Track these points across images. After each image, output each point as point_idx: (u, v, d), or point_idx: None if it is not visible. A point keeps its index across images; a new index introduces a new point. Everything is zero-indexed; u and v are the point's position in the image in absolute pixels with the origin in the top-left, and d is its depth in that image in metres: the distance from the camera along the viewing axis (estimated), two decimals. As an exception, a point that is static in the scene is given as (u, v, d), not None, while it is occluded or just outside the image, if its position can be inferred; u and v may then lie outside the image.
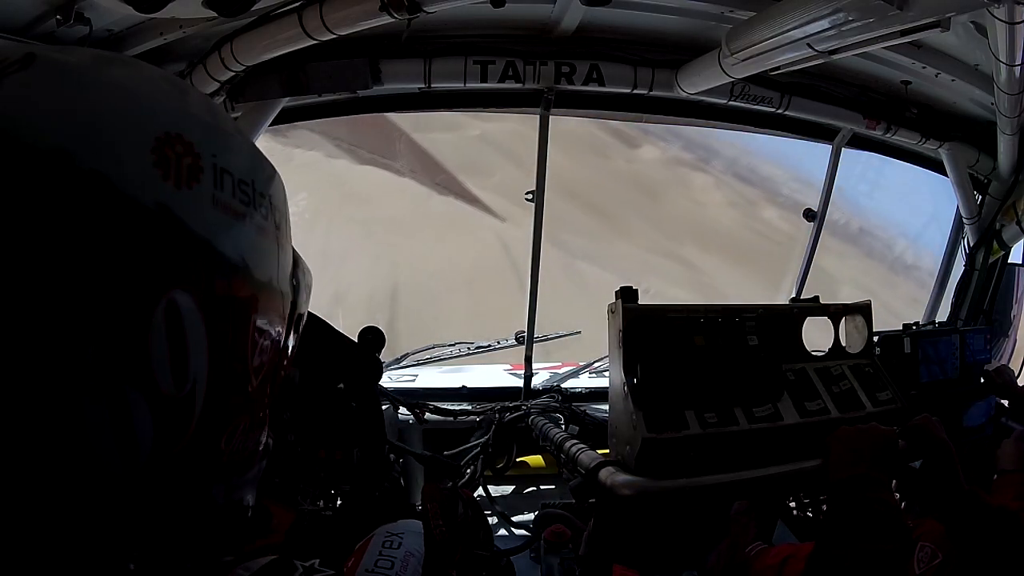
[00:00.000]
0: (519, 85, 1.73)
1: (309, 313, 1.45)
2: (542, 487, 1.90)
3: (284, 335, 0.45)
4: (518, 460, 1.90)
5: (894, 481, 1.02)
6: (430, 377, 2.31)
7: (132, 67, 0.38)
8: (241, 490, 0.46)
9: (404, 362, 2.37)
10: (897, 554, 0.86)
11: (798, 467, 1.05)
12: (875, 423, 1.03)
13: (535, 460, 1.91)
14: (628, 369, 1.08)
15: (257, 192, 0.40)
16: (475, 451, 1.83)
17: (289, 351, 0.48)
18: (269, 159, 0.43)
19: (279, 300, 0.43)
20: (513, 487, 1.91)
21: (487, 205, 7.15)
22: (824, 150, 2.21)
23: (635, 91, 1.79)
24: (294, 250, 0.48)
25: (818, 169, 2.24)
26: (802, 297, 1.40)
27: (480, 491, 1.82)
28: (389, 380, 2.13)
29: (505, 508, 1.74)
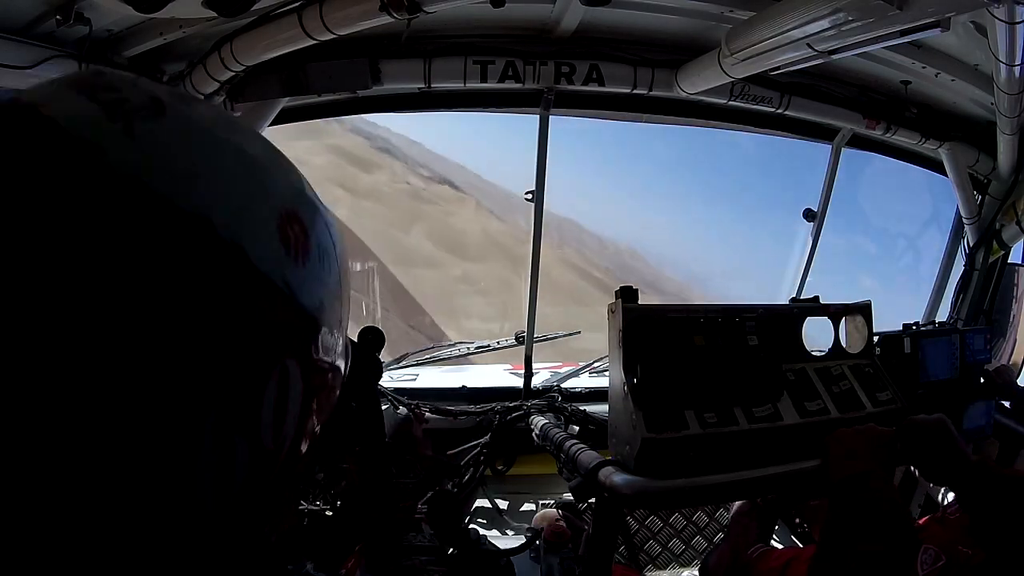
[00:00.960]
0: (519, 85, 1.73)
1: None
2: (542, 487, 1.90)
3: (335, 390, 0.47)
4: (518, 460, 1.90)
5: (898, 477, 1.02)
6: (430, 377, 2.31)
7: (251, 135, 0.39)
8: (283, 521, 0.46)
9: (404, 362, 2.37)
10: (901, 552, 0.85)
11: (798, 467, 1.05)
12: (872, 423, 1.03)
13: (535, 460, 1.91)
14: (628, 369, 1.08)
15: (338, 267, 0.41)
16: (475, 451, 1.83)
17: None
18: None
19: (337, 360, 0.44)
20: (513, 487, 1.91)
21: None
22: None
23: (635, 91, 1.79)
24: None
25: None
26: (802, 297, 1.40)
27: (480, 491, 1.82)
28: (389, 380, 2.13)
29: (505, 508, 1.75)
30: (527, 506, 1.76)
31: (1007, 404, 2.08)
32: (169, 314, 0.31)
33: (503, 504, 1.80)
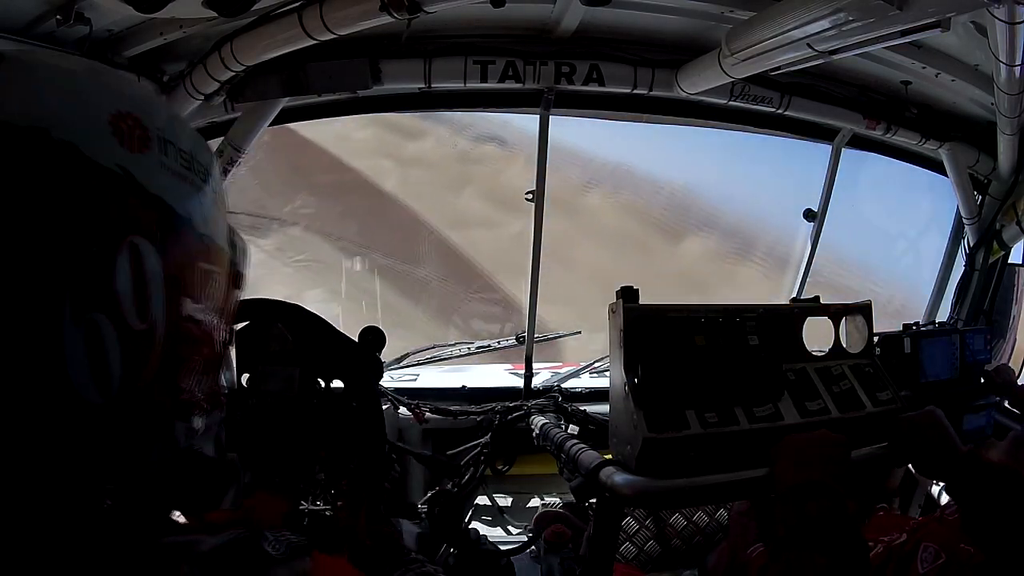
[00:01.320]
0: (519, 85, 1.73)
1: (309, 313, 1.45)
2: (542, 487, 1.90)
3: (227, 286, 0.53)
4: (518, 460, 1.90)
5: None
6: (430, 377, 2.31)
7: (82, 63, 0.47)
8: (200, 435, 0.51)
9: (404, 362, 2.37)
10: (849, 566, 0.82)
11: (751, 475, 1.03)
12: (825, 430, 1.00)
13: (535, 460, 1.91)
14: (628, 369, 1.08)
15: (196, 161, 0.48)
16: (475, 451, 1.83)
17: (233, 303, 0.56)
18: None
19: (220, 253, 0.51)
20: (513, 487, 1.91)
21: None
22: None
23: (635, 91, 1.79)
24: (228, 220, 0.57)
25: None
26: (802, 297, 1.40)
27: (480, 491, 1.82)
28: (389, 380, 2.13)
29: (505, 508, 1.75)
30: (527, 506, 1.76)
31: (1007, 403, 2.08)
32: (9, 207, 0.38)
33: (503, 504, 1.80)
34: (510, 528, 1.70)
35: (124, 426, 0.43)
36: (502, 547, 1.64)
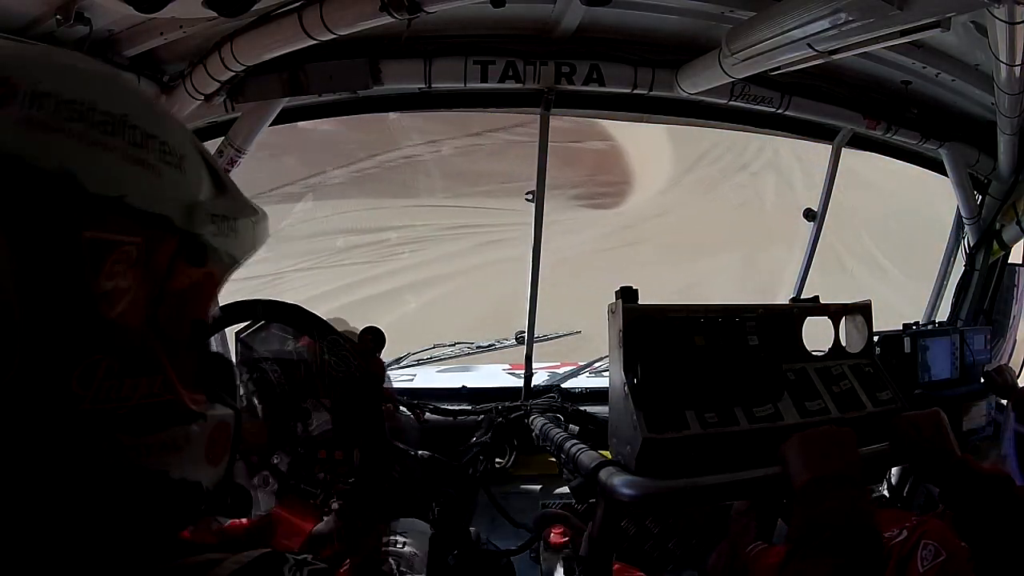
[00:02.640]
0: (519, 85, 1.73)
1: (309, 313, 1.45)
2: (542, 487, 1.90)
3: (166, 264, 0.43)
4: (518, 460, 1.90)
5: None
6: (430, 377, 2.31)
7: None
8: (144, 455, 0.43)
9: (404, 362, 2.37)
10: (867, 565, 0.81)
11: (764, 473, 1.03)
12: (831, 425, 1.00)
13: (535, 460, 1.91)
14: (628, 369, 1.08)
15: (99, 111, 0.40)
16: (475, 451, 1.83)
17: (193, 288, 0.46)
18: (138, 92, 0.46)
19: (140, 221, 0.41)
20: (513, 487, 1.91)
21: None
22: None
23: (635, 91, 1.79)
24: (230, 185, 0.49)
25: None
26: (802, 297, 1.40)
27: (480, 491, 1.82)
28: (389, 380, 2.12)
29: (505, 508, 1.74)
30: (527, 506, 1.76)
31: (1006, 403, 2.08)
32: None
33: (503, 504, 1.79)
34: (510, 528, 1.70)
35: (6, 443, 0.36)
36: (502, 547, 1.64)
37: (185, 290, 0.45)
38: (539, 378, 2.15)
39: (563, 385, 2.12)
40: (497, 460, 1.87)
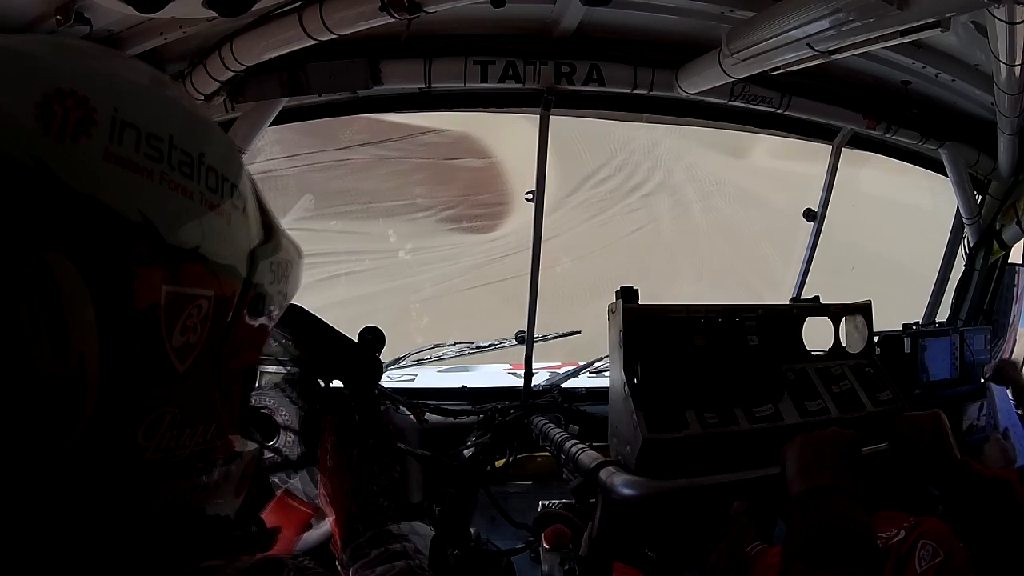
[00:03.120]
0: (519, 85, 1.73)
1: (308, 313, 1.44)
2: (542, 487, 1.90)
3: (231, 316, 0.41)
4: (518, 460, 1.90)
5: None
6: (430, 377, 2.31)
7: (25, 38, 0.37)
8: (188, 496, 0.42)
9: (404, 362, 2.37)
10: (864, 573, 0.80)
11: (766, 472, 1.02)
12: (835, 427, 0.98)
13: (535, 460, 1.91)
14: (628, 369, 1.08)
15: (178, 149, 0.37)
16: (475, 451, 1.83)
17: (250, 337, 0.44)
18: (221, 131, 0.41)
19: (213, 273, 0.39)
20: (513, 487, 1.91)
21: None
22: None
23: (635, 91, 1.79)
24: (278, 226, 0.46)
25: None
26: (802, 297, 1.40)
27: (480, 491, 1.82)
28: (389, 380, 2.13)
29: (505, 508, 1.74)
30: (527, 506, 1.76)
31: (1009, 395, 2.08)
32: None
33: (503, 504, 1.79)
34: (510, 528, 1.70)
35: (61, 491, 0.34)
36: (502, 547, 1.64)
37: (244, 340, 0.44)
38: (539, 378, 2.15)
39: (563, 385, 2.12)
40: (497, 460, 1.87)
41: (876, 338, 1.60)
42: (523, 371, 2.05)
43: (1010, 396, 2.05)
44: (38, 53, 0.35)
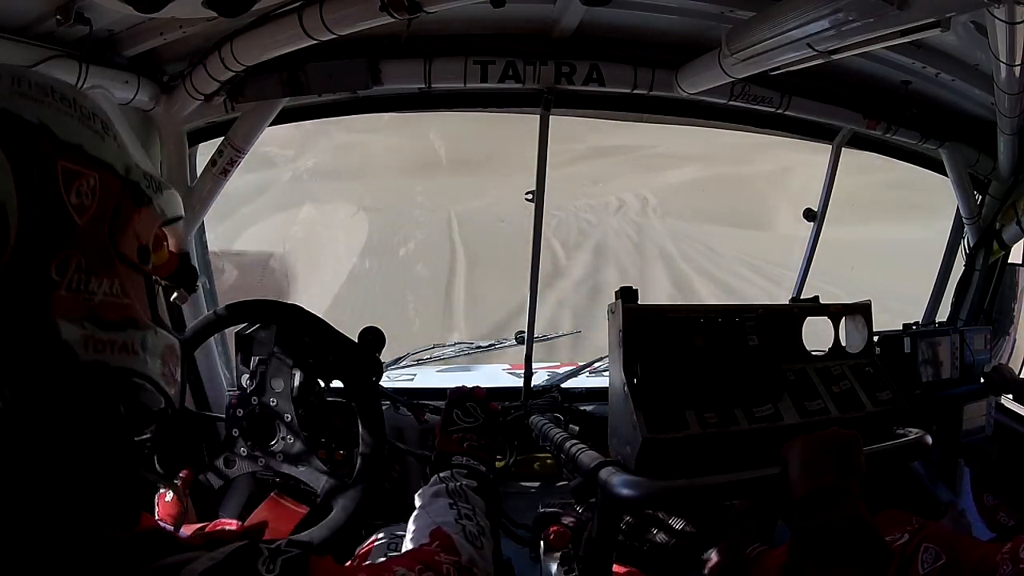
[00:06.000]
0: (519, 85, 1.73)
1: (308, 313, 1.45)
2: (542, 487, 1.90)
3: (114, 195, 0.58)
4: (518, 460, 1.90)
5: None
6: (430, 377, 2.31)
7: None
8: (106, 349, 0.55)
9: (404, 362, 2.37)
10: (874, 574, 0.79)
11: (763, 473, 1.01)
12: (836, 427, 0.97)
13: (535, 460, 1.91)
14: (628, 369, 1.08)
15: (54, 91, 0.56)
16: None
17: (135, 217, 0.61)
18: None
19: (94, 163, 0.57)
20: (513, 487, 1.91)
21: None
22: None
23: (635, 91, 1.79)
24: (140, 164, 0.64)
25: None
26: (802, 297, 1.40)
27: None
28: (389, 380, 2.13)
29: (505, 508, 1.74)
30: (527, 506, 1.76)
31: (1007, 402, 2.08)
32: None
33: (503, 504, 1.79)
34: (510, 528, 1.70)
35: None
36: (502, 547, 1.64)
37: (131, 220, 0.60)
38: (539, 378, 2.15)
39: (563, 385, 2.12)
40: (497, 460, 1.87)
41: (876, 338, 1.60)
42: (523, 371, 2.05)
43: (1006, 401, 2.06)
44: None
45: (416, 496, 0.97)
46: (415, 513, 0.91)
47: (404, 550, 0.82)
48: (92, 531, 0.50)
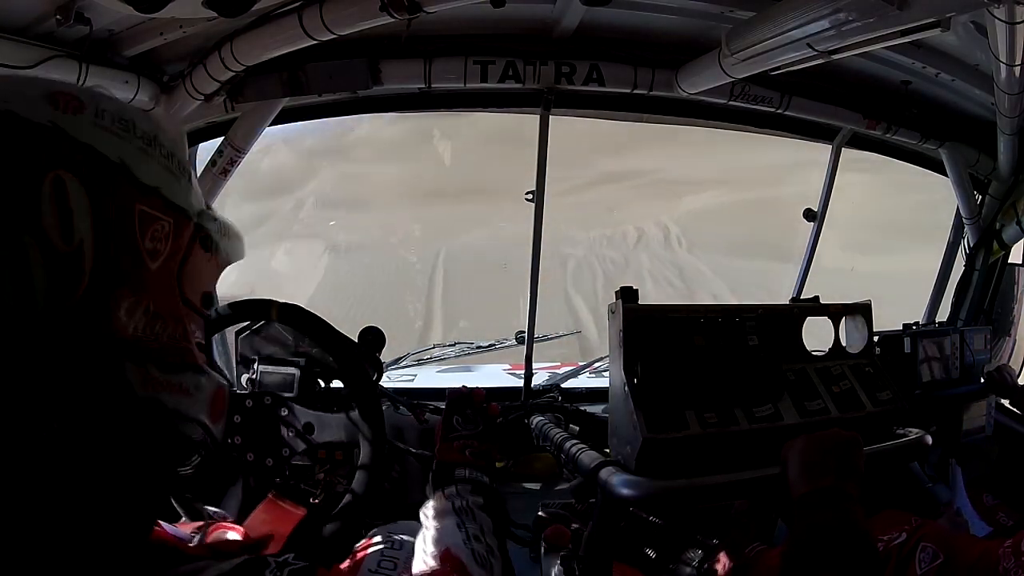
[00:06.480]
0: (519, 85, 1.73)
1: (308, 313, 1.45)
2: (542, 487, 1.90)
3: (185, 241, 0.60)
4: (518, 460, 1.90)
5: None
6: (430, 377, 2.31)
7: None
8: (164, 389, 0.56)
9: (404, 362, 2.37)
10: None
11: (764, 473, 1.01)
12: (837, 428, 0.97)
13: (535, 460, 1.91)
14: (628, 369, 1.08)
15: (136, 126, 0.57)
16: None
17: (203, 265, 0.63)
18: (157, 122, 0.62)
19: (170, 208, 0.58)
20: (513, 487, 1.91)
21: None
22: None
23: (635, 91, 1.79)
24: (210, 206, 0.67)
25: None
26: (802, 297, 1.40)
27: None
28: (389, 380, 2.13)
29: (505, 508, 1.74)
30: (527, 506, 1.76)
31: (1007, 404, 2.08)
32: None
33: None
34: (510, 528, 1.70)
35: (61, 345, 0.49)
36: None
37: (198, 266, 0.62)
38: (539, 378, 2.15)
39: (563, 385, 2.12)
40: (497, 460, 1.87)
41: (876, 338, 1.60)
42: (523, 371, 2.05)
43: (1006, 402, 2.05)
44: (40, 80, 0.57)
45: (421, 512, 0.95)
46: (422, 531, 0.90)
47: (414, 570, 0.82)
48: (109, 545, 0.51)
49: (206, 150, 1.82)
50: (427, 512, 0.94)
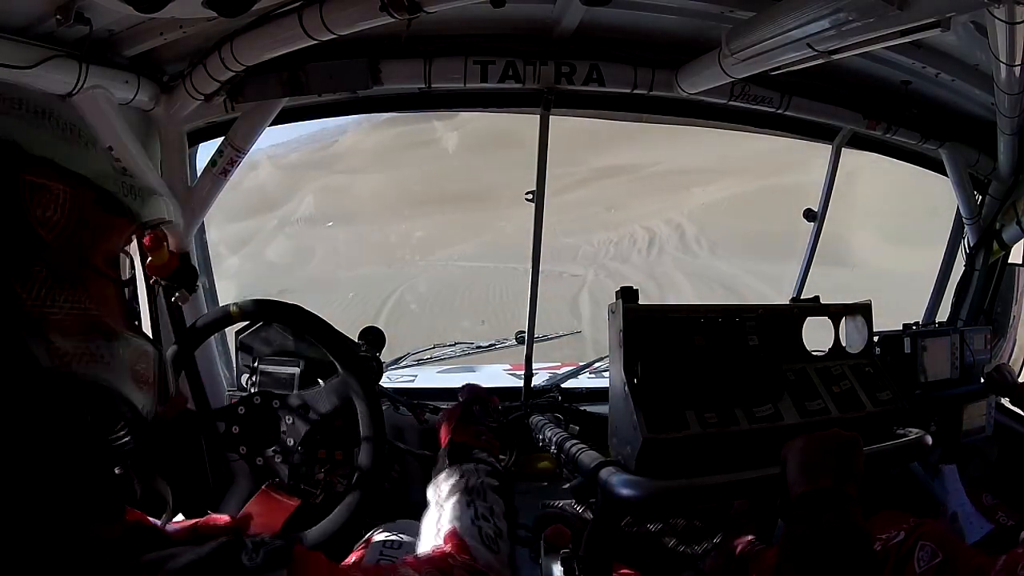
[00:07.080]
0: (519, 85, 1.73)
1: (308, 313, 1.45)
2: (542, 487, 1.90)
3: (87, 208, 0.59)
4: (518, 460, 1.90)
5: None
6: (430, 377, 2.31)
7: None
8: (74, 359, 0.55)
9: (404, 362, 2.37)
10: None
11: (765, 472, 1.01)
12: (837, 429, 0.97)
13: (535, 460, 1.91)
14: (628, 369, 1.08)
15: (29, 104, 0.58)
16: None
17: (108, 226, 0.62)
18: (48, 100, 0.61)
19: (64, 175, 0.58)
20: (513, 487, 1.91)
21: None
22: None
23: (635, 91, 1.79)
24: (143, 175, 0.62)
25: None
26: (802, 297, 1.40)
27: None
28: (389, 380, 2.13)
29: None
30: (527, 506, 1.76)
31: (1007, 403, 2.08)
32: None
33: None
34: (510, 528, 1.70)
35: None
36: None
37: (103, 230, 0.61)
38: (539, 378, 2.15)
39: (563, 385, 2.12)
40: (497, 460, 1.87)
41: (876, 338, 1.60)
42: (523, 371, 2.05)
43: (1006, 402, 2.05)
44: None
45: (431, 487, 0.92)
46: (429, 509, 0.88)
47: (418, 548, 0.80)
48: (71, 530, 0.49)
49: (206, 150, 1.82)
50: (436, 485, 0.91)
